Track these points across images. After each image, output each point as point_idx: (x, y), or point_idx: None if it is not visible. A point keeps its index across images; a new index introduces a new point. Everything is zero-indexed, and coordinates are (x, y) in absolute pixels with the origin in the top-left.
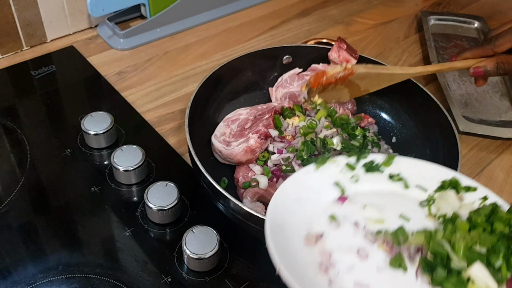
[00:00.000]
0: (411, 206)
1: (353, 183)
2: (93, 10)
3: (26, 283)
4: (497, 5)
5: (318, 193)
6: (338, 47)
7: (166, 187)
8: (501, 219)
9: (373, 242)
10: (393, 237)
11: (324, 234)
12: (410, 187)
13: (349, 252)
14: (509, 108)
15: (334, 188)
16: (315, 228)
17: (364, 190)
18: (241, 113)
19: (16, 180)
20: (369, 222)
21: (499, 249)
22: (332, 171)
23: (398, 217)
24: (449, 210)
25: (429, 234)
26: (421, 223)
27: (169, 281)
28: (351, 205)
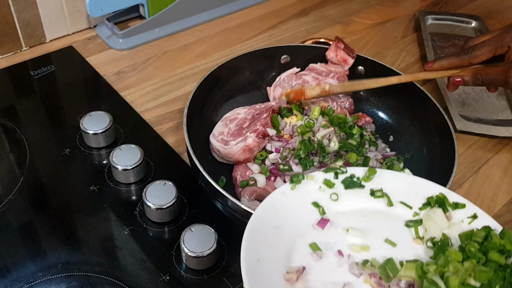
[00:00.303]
0: (396, 227)
1: (333, 201)
2: (92, 10)
3: (26, 282)
4: (494, 5)
5: (296, 216)
6: (335, 47)
7: (165, 186)
8: (495, 246)
9: (359, 276)
10: (382, 271)
11: (306, 268)
12: (393, 204)
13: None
14: (505, 107)
15: (313, 209)
16: (296, 261)
17: (345, 210)
18: (239, 112)
19: (16, 179)
20: (354, 250)
21: (495, 283)
22: (310, 189)
23: (383, 242)
24: (437, 231)
25: (420, 268)
26: (409, 249)
27: (167, 279)
28: (333, 229)
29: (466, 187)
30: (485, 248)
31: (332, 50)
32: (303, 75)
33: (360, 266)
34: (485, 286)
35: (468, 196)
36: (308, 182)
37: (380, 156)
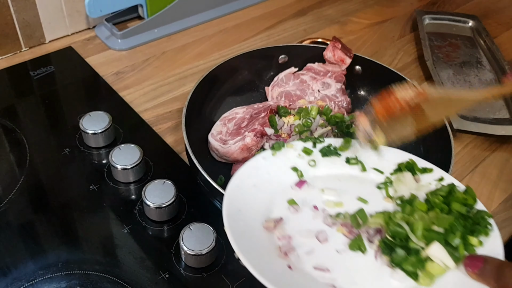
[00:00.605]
0: (369, 189)
1: (311, 167)
2: (91, 11)
3: (26, 280)
4: (491, 4)
5: (276, 178)
6: (333, 46)
7: (164, 185)
8: (458, 199)
9: (332, 226)
10: (352, 219)
11: (283, 218)
12: (367, 170)
13: (308, 236)
14: (502, 106)
15: (292, 173)
16: (274, 213)
17: (322, 174)
18: (237, 112)
19: (16, 179)
20: (328, 206)
21: (456, 228)
22: (289, 156)
23: (356, 200)
24: (406, 192)
25: (387, 216)
26: (380, 205)
27: (166, 277)
28: (309, 189)
29: None
30: (448, 200)
31: (330, 50)
32: (301, 74)
33: (333, 217)
34: (448, 232)
35: None
36: (288, 150)
37: None
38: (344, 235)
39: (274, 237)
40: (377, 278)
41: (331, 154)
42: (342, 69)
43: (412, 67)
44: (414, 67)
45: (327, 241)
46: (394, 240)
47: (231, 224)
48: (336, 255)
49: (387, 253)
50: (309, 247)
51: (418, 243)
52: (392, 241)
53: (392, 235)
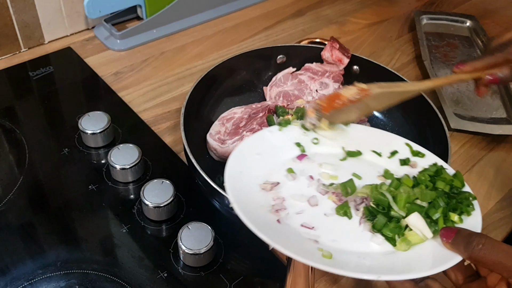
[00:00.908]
0: (365, 167)
1: (313, 144)
2: (90, 12)
3: (25, 279)
4: (489, 4)
5: (279, 149)
6: (331, 47)
7: (162, 185)
8: (444, 179)
9: (324, 194)
10: (342, 188)
11: (280, 183)
12: (365, 152)
13: (300, 200)
14: (500, 106)
15: (295, 148)
16: (273, 177)
17: (323, 152)
18: (236, 111)
19: (15, 179)
20: (323, 177)
21: (438, 204)
22: (295, 132)
23: (351, 175)
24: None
25: (374, 186)
26: (372, 181)
27: (165, 276)
28: (309, 162)
29: None
30: (434, 180)
31: (328, 50)
32: (299, 74)
33: (326, 186)
34: (430, 207)
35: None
36: (294, 127)
37: None
38: (333, 202)
39: (269, 197)
40: (357, 239)
41: None
42: (340, 69)
43: (410, 67)
44: (412, 67)
45: (317, 205)
46: (377, 208)
47: (230, 180)
48: (323, 217)
49: (370, 219)
50: (299, 208)
51: (399, 212)
52: (375, 208)
53: (375, 202)
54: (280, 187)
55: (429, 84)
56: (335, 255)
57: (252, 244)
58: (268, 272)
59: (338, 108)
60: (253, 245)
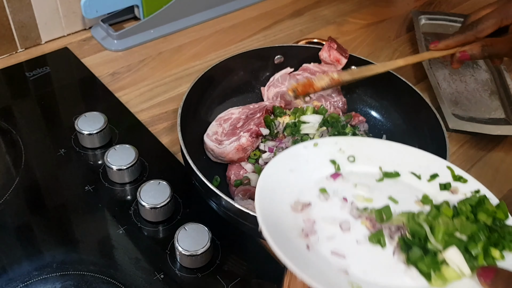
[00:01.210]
0: (402, 191)
1: (349, 163)
2: (87, 12)
3: (21, 281)
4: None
5: (313, 167)
6: (328, 47)
7: (159, 186)
8: (486, 210)
9: (357, 218)
10: (377, 214)
11: (311, 204)
12: (404, 173)
13: (332, 224)
14: (498, 106)
15: (330, 165)
16: (304, 197)
17: (358, 171)
18: (233, 112)
19: (11, 180)
20: (358, 199)
21: (479, 238)
22: (330, 149)
23: (387, 199)
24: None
25: (411, 215)
26: (409, 207)
27: (161, 278)
28: (343, 182)
29: None
30: (476, 210)
31: (325, 50)
32: (297, 75)
33: (360, 210)
34: (470, 241)
35: None
36: (330, 143)
37: None
38: (367, 228)
39: (299, 218)
40: (390, 272)
41: None
42: (337, 69)
43: (408, 67)
44: (410, 67)
45: (349, 230)
46: (413, 239)
47: (261, 200)
48: (355, 245)
49: (404, 250)
50: (330, 233)
51: (436, 245)
52: (411, 239)
53: (412, 233)
54: (311, 208)
55: (400, 62)
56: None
57: (249, 245)
58: (266, 274)
59: (311, 93)
60: (250, 247)
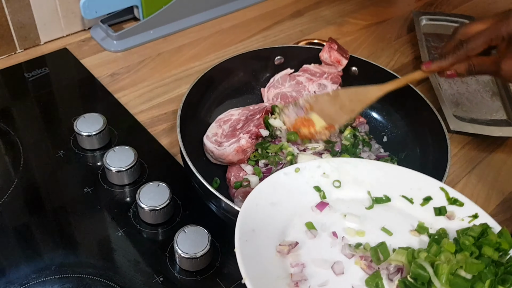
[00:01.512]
0: (395, 218)
1: (335, 188)
2: (86, 13)
3: (19, 283)
4: (488, 5)
5: (296, 197)
6: (329, 48)
7: (158, 188)
8: (490, 243)
9: (350, 257)
10: (373, 253)
11: (299, 243)
12: (395, 197)
13: (323, 267)
14: (500, 107)
15: (314, 193)
16: (290, 235)
17: (346, 198)
18: (233, 113)
19: (10, 182)
20: (348, 234)
21: (486, 276)
22: (313, 174)
23: (379, 230)
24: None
25: (411, 254)
26: (404, 239)
27: (161, 281)
28: (331, 212)
29: (460, 187)
30: (480, 243)
31: (326, 51)
32: (297, 76)
33: (352, 248)
34: (476, 280)
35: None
36: (312, 167)
37: (374, 157)
38: (362, 269)
39: (287, 262)
40: None
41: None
42: (338, 70)
43: (409, 68)
44: (411, 68)
45: (343, 273)
46: (416, 283)
47: (242, 245)
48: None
49: None
50: (323, 279)
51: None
52: (413, 283)
53: (414, 276)
54: (299, 248)
55: (391, 86)
56: None
57: None
58: None
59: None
60: None
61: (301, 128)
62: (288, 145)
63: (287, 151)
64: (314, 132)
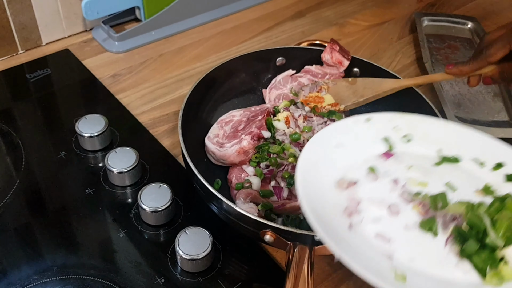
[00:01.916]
0: (462, 178)
1: (404, 142)
2: (87, 14)
3: (21, 285)
4: (490, 6)
5: (363, 143)
6: (330, 49)
7: (160, 189)
8: None
9: (408, 202)
10: (432, 200)
11: (358, 183)
12: (465, 159)
13: (379, 205)
14: (501, 109)
15: (382, 143)
16: (351, 175)
17: (413, 152)
18: (234, 114)
19: (11, 183)
20: (410, 182)
21: None
22: (384, 126)
23: (443, 185)
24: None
25: (471, 206)
26: (467, 197)
27: (162, 282)
28: (395, 162)
29: None
30: None
31: (327, 52)
32: (299, 77)
33: (412, 194)
34: None
35: None
36: (384, 119)
37: None
38: (418, 213)
39: (343, 196)
40: (439, 262)
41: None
42: (340, 71)
43: (411, 69)
44: (413, 69)
45: (398, 214)
46: (470, 231)
47: (303, 173)
48: (403, 230)
49: (459, 242)
50: (376, 215)
51: (496, 241)
52: (468, 231)
53: (470, 225)
54: (357, 186)
55: (409, 82)
56: (410, 278)
57: (250, 249)
58: (267, 278)
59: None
60: (252, 251)
61: (310, 102)
62: (290, 146)
63: (289, 152)
64: (320, 106)
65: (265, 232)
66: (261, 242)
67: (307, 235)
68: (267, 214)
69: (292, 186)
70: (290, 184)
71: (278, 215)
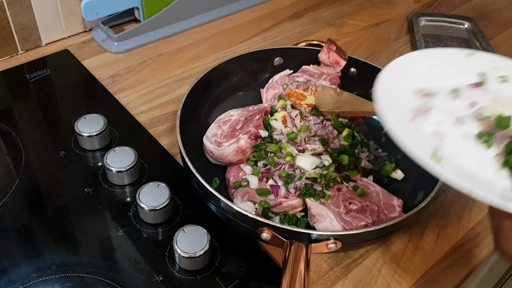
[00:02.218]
0: None
1: (499, 82)
2: (87, 14)
3: (20, 283)
4: (487, 6)
5: (456, 71)
6: (327, 49)
7: (158, 188)
8: None
9: (477, 120)
10: (496, 120)
11: (436, 95)
12: None
13: (448, 115)
14: None
15: (476, 77)
16: (432, 87)
17: (505, 92)
18: (232, 114)
19: (11, 182)
20: (487, 108)
21: None
22: (484, 63)
23: None
24: None
25: None
26: None
27: (160, 280)
28: (482, 93)
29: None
30: None
31: (325, 52)
32: (296, 77)
33: (483, 117)
34: None
35: (460, 197)
36: (486, 58)
37: (372, 157)
38: (480, 127)
39: (417, 101)
40: (479, 164)
41: None
42: (337, 71)
43: None
44: None
45: (461, 125)
46: None
47: (389, 70)
48: (459, 136)
49: (506, 155)
50: (442, 120)
51: None
52: None
53: None
54: (434, 98)
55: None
56: (445, 163)
57: (248, 247)
58: (264, 276)
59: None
60: (249, 249)
61: (292, 96)
62: (287, 146)
63: (286, 151)
64: (299, 103)
65: (262, 230)
66: (258, 240)
67: (303, 233)
68: (264, 212)
69: (288, 185)
70: (287, 183)
71: (275, 214)
